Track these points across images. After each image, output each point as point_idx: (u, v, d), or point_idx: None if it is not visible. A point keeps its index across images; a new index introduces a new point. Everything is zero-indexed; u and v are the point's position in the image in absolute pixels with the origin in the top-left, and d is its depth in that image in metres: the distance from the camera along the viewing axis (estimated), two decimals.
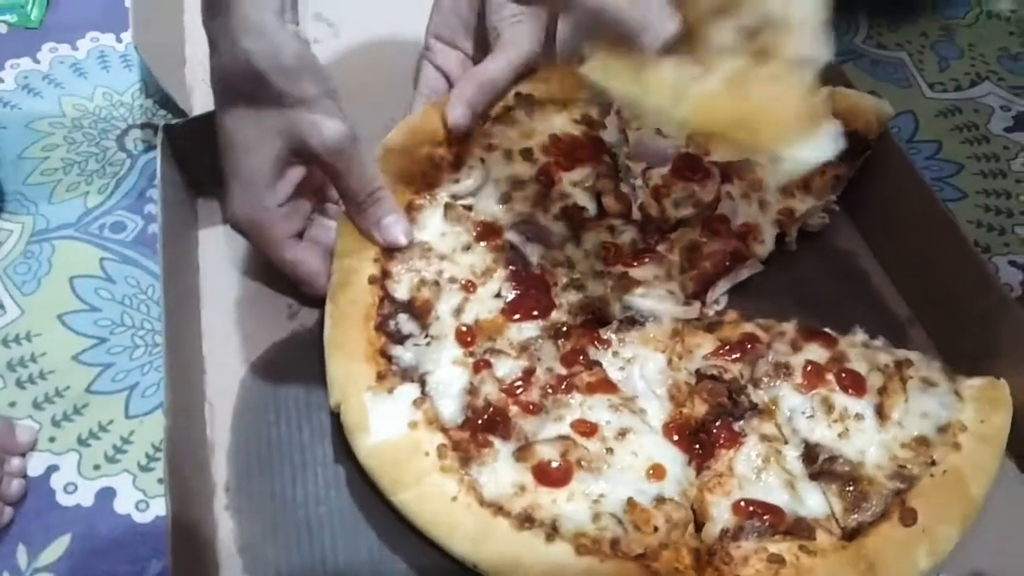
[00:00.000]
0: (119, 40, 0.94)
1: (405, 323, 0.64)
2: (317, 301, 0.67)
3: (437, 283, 0.65)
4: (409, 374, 0.62)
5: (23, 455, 0.64)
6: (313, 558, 0.59)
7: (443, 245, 0.67)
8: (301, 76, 0.60)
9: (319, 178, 0.67)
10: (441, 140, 0.69)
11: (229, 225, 0.65)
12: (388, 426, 0.59)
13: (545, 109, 0.72)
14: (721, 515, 0.56)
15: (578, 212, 0.69)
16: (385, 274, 0.65)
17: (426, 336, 0.64)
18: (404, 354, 0.63)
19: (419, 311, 0.64)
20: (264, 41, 0.59)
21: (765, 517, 0.56)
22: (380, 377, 0.61)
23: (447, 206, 0.68)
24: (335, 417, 0.62)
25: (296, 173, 0.64)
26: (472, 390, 0.60)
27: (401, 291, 0.65)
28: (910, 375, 0.62)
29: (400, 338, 0.64)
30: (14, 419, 0.66)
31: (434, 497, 0.57)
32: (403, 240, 0.65)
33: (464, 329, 0.64)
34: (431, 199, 0.69)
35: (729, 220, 0.70)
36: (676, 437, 0.60)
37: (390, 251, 0.66)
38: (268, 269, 0.69)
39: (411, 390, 0.61)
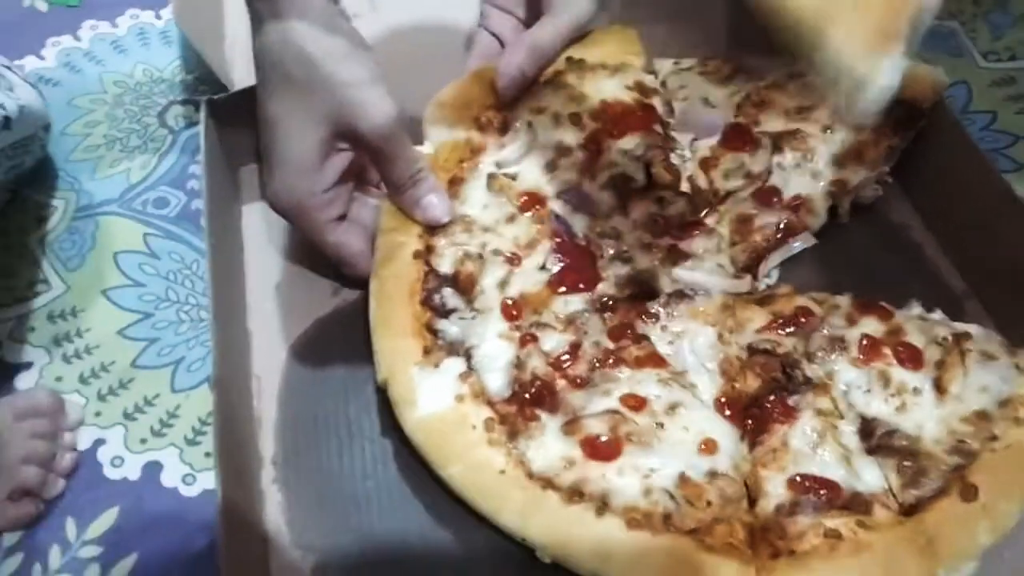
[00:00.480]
0: (158, 17, 0.94)
1: (450, 297, 0.63)
2: (360, 283, 0.67)
3: (481, 256, 0.64)
4: (455, 348, 0.62)
5: (73, 430, 0.65)
6: (361, 531, 0.59)
7: (486, 217, 0.66)
8: (350, 58, 0.59)
9: (362, 161, 0.66)
10: (490, 104, 0.68)
11: (269, 206, 0.64)
12: (435, 400, 0.59)
13: (596, 74, 0.71)
14: (776, 490, 0.55)
15: (626, 182, 0.67)
16: (429, 249, 0.65)
17: (471, 310, 0.63)
18: (450, 328, 0.62)
19: (464, 285, 0.63)
20: (314, 21, 0.58)
21: (821, 492, 0.55)
22: (426, 352, 0.61)
23: (490, 176, 0.67)
24: (381, 392, 0.61)
25: (341, 159, 0.63)
26: (519, 364, 0.60)
27: (445, 265, 0.64)
28: (969, 348, 0.60)
29: (445, 312, 0.63)
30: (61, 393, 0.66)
31: (482, 470, 0.56)
32: (445, 219, 0.65)
33: (509, 303, 0.63)
34: (474, 170, 0.68)
35: (780, 192, 0.69)
36: (728, 412, 0.59)
37: (433, 226, 0.65)
38: (312, 246, 0.69)
39: (457, 364, 0.61)
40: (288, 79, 0.59)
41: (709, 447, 0.57)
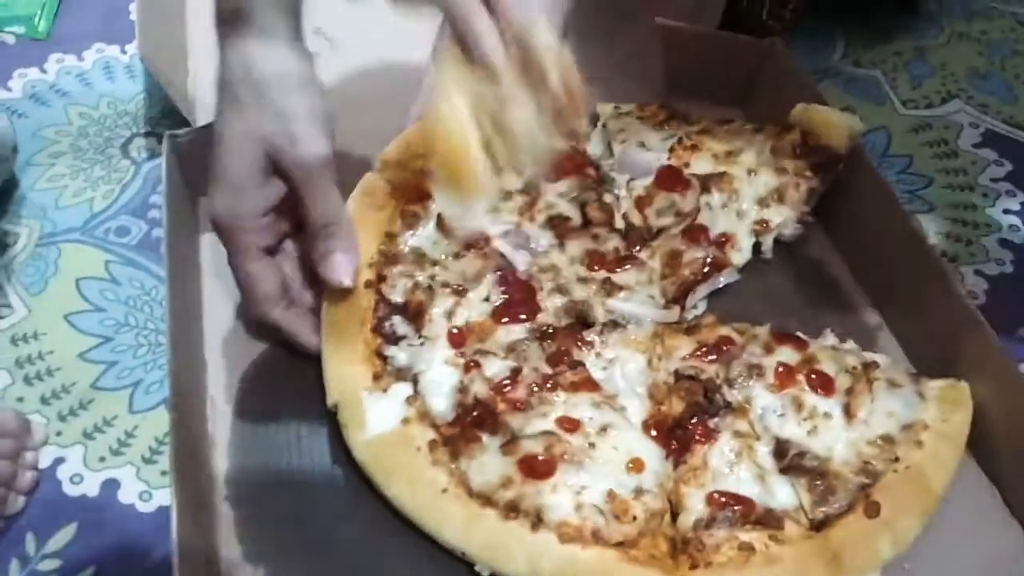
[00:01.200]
0: (123, 51, 0.97)
1: (400, 325, 0.67)
2: (258, 325, 0.68)
3: (430, 287, 0.68)
4: (403, 374, 0.65)
5: (35, 450, 0.67)
6: (309, 546, 0.62)
7: (435, 252, 0.70)
8: (298, 90, 0.60)
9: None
10: None
11: (211, 225, 0.64)
12: (382, 422, 0.62)
13: None
14: (695, 506, 0.60)
15: (563, 221, 0.72)
16: (380, 278, 0.68)
17: (420, 337, 0.67)
18: (399, 354, 0.66)
19: (413, 313, 0.67)
20: (272, 46, 0.60)
21: (736, 508, 0.59)
22: (376, 377, 0.64)
23: (439, 217, 0.71)
24: (331, 415, 0.65)
25: (277, 189, 0.62)
26: (463, 388, 0.63)
27: (396, 295, 0.68)
28: (876, 376, 0.65)
29: (395, 339, 0.67)
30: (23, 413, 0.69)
31: (425, 488, 0.60)
32: (346, 282, 0.64)
33: (455, 331, 0.67)
34: (424, 209, 0.72)
35: (708, 229, 0.74)
36: (655, 433, 0.63)
37: (386, 256, 0.69)
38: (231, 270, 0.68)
39: (405, 388, 0.64)
40: (237, 99, 0.60)
41: (636, 466, 0.61)
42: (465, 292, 0.69)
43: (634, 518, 0.58)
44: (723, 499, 0.59)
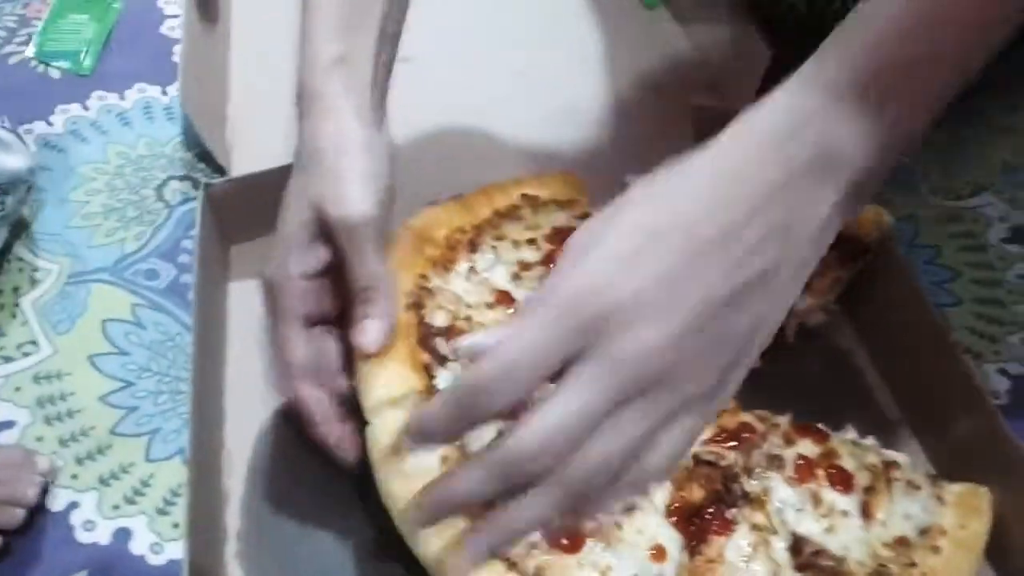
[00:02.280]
0: (164, 93, 0.98)
1: (443, 345, 0.65)
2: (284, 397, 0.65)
3: (469, 318, 0.67)
4: None
5: (35, 489, 0.66)
6: None
7: (469, 298, 0.70)
8: (353, 153, 0.60)
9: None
10: (458, 227, 0.73)
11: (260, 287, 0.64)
12: (423, 458, 0.59)
13: (548, 208, 0.76)
14: None
15: None
16: (419, 305, 0.66)
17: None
18: (447, 377, 0.63)
19: (455, 338, 0.65)
20: (337, 121, 0.61)
21: None
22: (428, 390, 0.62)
23: (470, 269, 0.71)
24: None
25: (323, 252, 0.62)
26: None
27: (439, 320, 0.66)
28: (896, 476, 0.65)
29: (441, 358, 0.64)
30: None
31: (454, 544, 0.57)
32: (371, 349, 0.61)
33: None
34: (453, 267, 0.72)
35: None
36: (675, 519, 0.63)
37: (424, 290, 0.67)
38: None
39: None
40: (300, 165, 0.62)
41: (659, 554, 0.60)
42: None
43: None
44: None
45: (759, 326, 0.53)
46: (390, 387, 0.61)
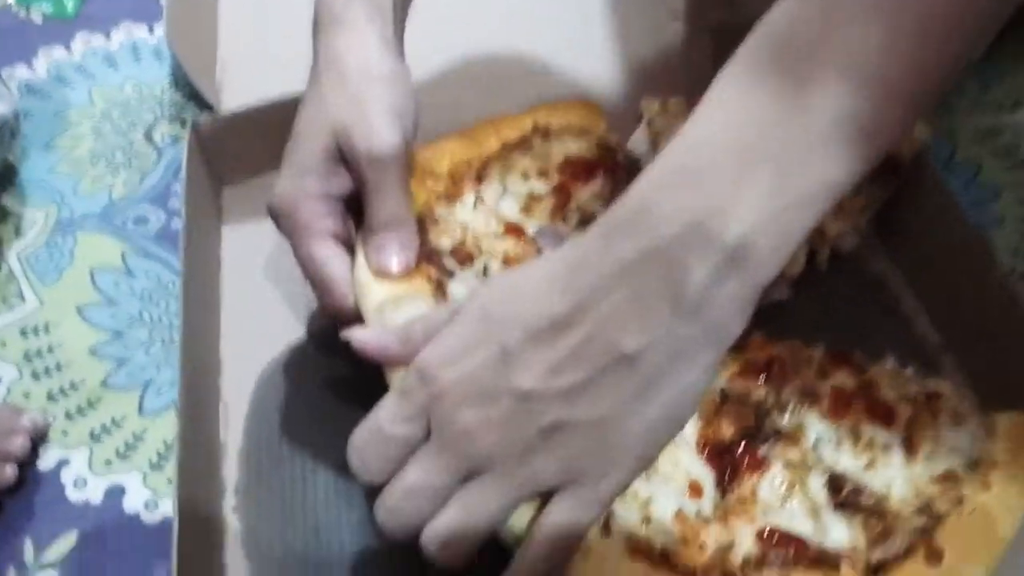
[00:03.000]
0: (151, 31, 0.93)
1: (449, 261, 0.62)
2: (336, 314, 0.60)
3: (478, 246, 0.64)
4: None
5: (23, 440, 0.63)
6: (320, 563, 0.58)
7: (477, 226, 0.66)
8: (379, 81, 0.57)
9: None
10: (463, 160, 0.69)
11: (269, 213, 0.60)
12: None
13: (561, 138, 0.72)
14: (744, 541, 0.55)
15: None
16: (423, 230, 0.63)
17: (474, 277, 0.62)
18: (459, 289, 0.60)
19: (462, 259, 0.62)
20: (360, 46, 0.58)
21: (789, 547, 0.54)
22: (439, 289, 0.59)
23: (477, 198, 0.67)
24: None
25: (344, 180, 0.58)
26: None
27: (444, 243, 0.63)
28: (940, 407, 0.60)
29: (447, 272, 0.61)
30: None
31: None
32: (394, 269, 0.59)
33: None
34: (457, 198, 0.68)
35: None
36: (706, 454, 0.59)
37: (428, 219, 0.64)
38: (291, 269, 0.63)
39: None
40: (319, 89, 0.58)
41: (695, 489, 0.56)
42: (512, 263, 0.64)
43: (700, 547, 0.53)
44: (774, 536, 0.54)
45: (623, 414, 0.47)
46: (395, 288, 0.58)
